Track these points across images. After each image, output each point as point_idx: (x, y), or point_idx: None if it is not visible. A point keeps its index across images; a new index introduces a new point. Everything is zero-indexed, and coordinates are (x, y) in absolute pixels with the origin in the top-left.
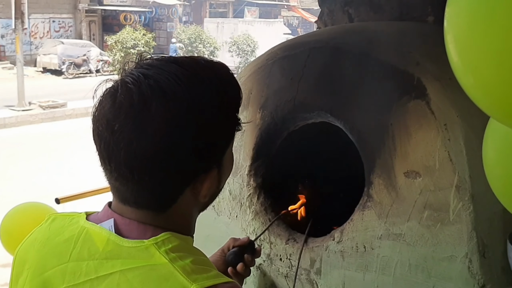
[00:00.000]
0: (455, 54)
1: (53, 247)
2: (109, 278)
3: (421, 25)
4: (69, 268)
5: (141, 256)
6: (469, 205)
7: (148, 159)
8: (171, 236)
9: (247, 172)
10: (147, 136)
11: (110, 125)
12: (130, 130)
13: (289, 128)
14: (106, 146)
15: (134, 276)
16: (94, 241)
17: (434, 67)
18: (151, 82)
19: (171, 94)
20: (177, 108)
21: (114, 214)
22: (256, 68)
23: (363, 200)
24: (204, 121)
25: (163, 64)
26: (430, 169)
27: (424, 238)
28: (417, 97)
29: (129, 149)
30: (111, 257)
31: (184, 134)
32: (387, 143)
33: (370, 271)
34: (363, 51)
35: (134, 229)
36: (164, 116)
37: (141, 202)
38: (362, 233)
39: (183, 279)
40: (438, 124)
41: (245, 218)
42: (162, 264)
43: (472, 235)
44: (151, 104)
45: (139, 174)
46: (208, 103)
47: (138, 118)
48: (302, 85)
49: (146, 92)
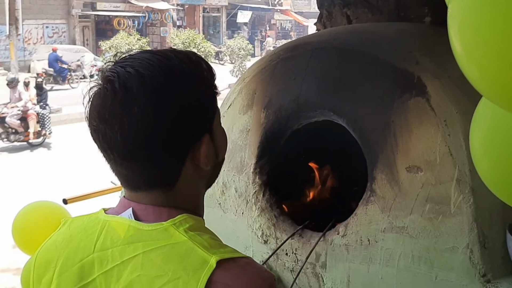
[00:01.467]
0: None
1: (78, 242)
2: (133, 260)
3: (419, 26)
4: (96, 258)
5: (161, 237)
6: (470, 198)
7: (142, 135)
8: (188, 217)
9: (253, 170)
10: (135, 115)
11: (101, 117)
12: (119, 113)
13: (293, 127)
14: (103, 137)
15: (156, 255)
16: (116, 230)
17: (433, 66)
18: (129, 69)
19: (147, 74)
20: (156, 84)
21: (131, 203)
22: (259, 69)
23: (366, 195)
24: (184, 91)
25: (137, 55)
26: (431, 163)
27: (426, 230)
28: (417, 95)
29: (123, 130)
30: (132, 241)
31: (167, 106)
32: (389, 140)
33: (374, 263)
34: (364, 51)
35: (151, 213)
36: (146, 93)
37: (149, 182)
38: (366, 226)
39: (203, 253)
40: (438, 120)
41: (251, 214)
42: (182, 241)
43: (472, 227)
44: (132, 86)
45: (138, 152)
46: (183, 74)
47: (124, 101)
48: (305, 85)
49: (126, 78)
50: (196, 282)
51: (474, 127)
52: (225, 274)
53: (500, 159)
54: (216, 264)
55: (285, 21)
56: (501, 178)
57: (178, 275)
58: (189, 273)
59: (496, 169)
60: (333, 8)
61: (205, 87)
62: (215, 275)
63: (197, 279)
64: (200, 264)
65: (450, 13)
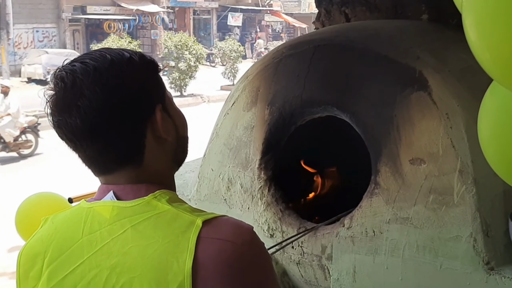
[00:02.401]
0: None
1: (64, 232)
2: (123, 235)
3: (417, 23)
4: (85, 241)
5: (145, 209)
6: (472, 188)
7: (97, 114)
8: (165, 191)
9: (258, 166)
10: (86, 96)
11: (59, 109)
12: (72, 100)
13: (297, 123)
14: (65, 127)
15: (144, 226)
16: (101, 213)
17: (434, 61)
18: (73, 63)
19: (89, 62)
20: (97, 65)
21: (109, 187)
22: (262, 66)
23: (370, 187)
24: (126, 66)
25: (81, 55)
26: (434, 155)
27: (431, 220)
28: (419, 89)
29: (80, 114)
30: (119, 219)
31: (112, 82)
32: (392, 133)
33: (379, 254)
34: (366, 47)
35: (129, 191)
36: (90, 75)
37: (117, 160)
38: (371, 218)
39: (189, 216)
40: (440, 114)
41: (256, 209)
42: (166, 210)
43: (475, 216)
44: (78, 74)
45: (99, 131)
46: (123, 54)
47: (73, 88)
48: (309, 81)
49: (71, 69)
50: (187, 241)
51: (483, 114)
52: (212, 230)
53: (508, 144)
54: (202, 223)
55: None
56: (509, 163)
57: (168, 239)
58: (178, 235)
59: (504, 154)
60: (331, 7)
61: (145, 63)
62: (203, 233)
63: (187, 239)
64: (187, 225)
65: (465, 4)
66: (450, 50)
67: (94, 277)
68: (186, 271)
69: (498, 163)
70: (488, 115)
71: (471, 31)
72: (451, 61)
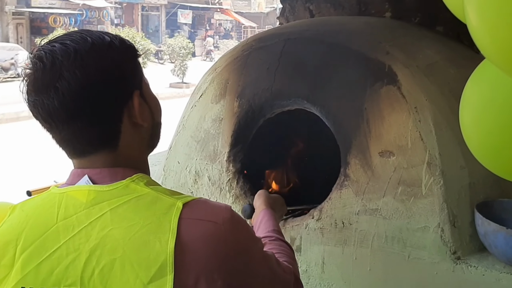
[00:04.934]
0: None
1: (37, 219)
2: (101, 219)
3: (383, 19)
4: (60, 226)
5: (124, 193)
6: (440, 180)
7: (75, 96)
8: (142, 175)
9: (226, 158)
10: (65, 78)
11: (36, 89)
12: (51, 81)
13: (266, 116)
14: (42, 107)
15: (124, 209)
16: (76, 198)
17: (403, 56)
18: (53, 44)
19: (69, 43)
20: (78, 48)
21: (84, 171)
22: (231, 59)
23: (340, 179)
24: (106, 50)
25: (61, 35)
26: (403, 148)
27: (399, 211)
28: (389, 83)
29: (58, 96)
30: (96, 203)
31: (92, 66)
32: (362, 126)
33: (348, 245)
34: (336, 42)
35: (107, 175)
36: (70, 57)
37: (93, 143)
38: (340, 210)
39: (169, 199)
40: (409, 107)
41: (225, 202)
42: (146, 193)
43: (443, 207)
44: (57, 55)
45: (76, 113)
46: (103, 38)
47: (53, 69)
48: (279, 74)
49: (50, 50)
50: (169, 222)
51: (465, 102)
52: (192, 211)
53: (491, 131)
54: (182, 205)
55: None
56: (491, 149)
57: (150, 220)
58: (160, 216)
59: (486, 141)
60: (296, 3)
61: (125, 48)
62: (183, 214)
63: (168, 220)
64: (168, 207)
65: None
66: (416, 46)
67: (72, 261)
68: (168, 250)
69: (480, 151)
70: (471, 103)
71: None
72: (418, 57)
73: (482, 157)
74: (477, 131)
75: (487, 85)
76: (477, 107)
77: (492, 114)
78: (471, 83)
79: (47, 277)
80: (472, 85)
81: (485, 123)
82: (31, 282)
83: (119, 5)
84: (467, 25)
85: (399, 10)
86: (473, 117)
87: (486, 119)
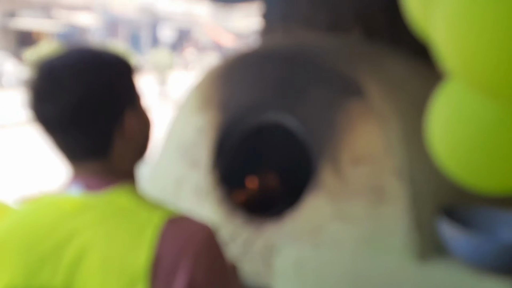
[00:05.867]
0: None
1: (27, 222)
2: (84, 229)
3: (353, 37)
4: (45, 234)
5: (108, 204)
6: (407, 187)
7: (70, 106)
8: (130, 186)
9: (207, 166)
10: (62, 88)
11: (37, 97)
12: (49, 89)
13: (245, 127)
14: (41, 114)
15: (106, 221)
16: (62, 206)
17: (372, 71)
18: (53, 57)
19: (70, 56)
20: (77, 61)
21: (76, 178)
22: (214, 72)
23: (313, 185)
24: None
25: (65, 48)
26: (372, 156)
27: (369, 216)
28: (359, 97)
29: (55, 104)
30: (81, 213)
31: (88, 80)
32: (334, 137)
33: (322, 249)
34: (310, 59)
35: (96, 183)
36: (68, 69)
37: (86, 151)
38: (314, 215)
39: (148, 214)
40: (378, 119)
41: (205, 208)
42: (129, 205)
43: (410, 212)
44: (57, 66)
45: (70, 122)
46: (103, 54)
47: (52, 79)
48: (257, 89)
49: (52, 62)
50: (146, 238)
51: (434, 112)
52: (171, 228)
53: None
54: (162, 222)
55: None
56: (457, 161)
57: (129, 234)
58: (138, 230)
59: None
60: (272, 22)
61: (121, 65)
62: (162, 230)
63: (146, 236)
64: (147, 223)
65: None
66: (385, 63)
67: (56, 267)
68: (143, 265)
69: (448, 159)
70: (439, 114)
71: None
72: (387, 72)
73: (449, 167)
74: (444, 144)
75: (453, 98)
76: (443, 121)
77: (458, 128)
78: (439, 97)
79: (33, 281)
80: (441, 96)
81: (452, 136)
82: (19, 285)
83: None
84: (433, 42)
85: (368, 29)
86: (440, 131)
87: (453, 132)
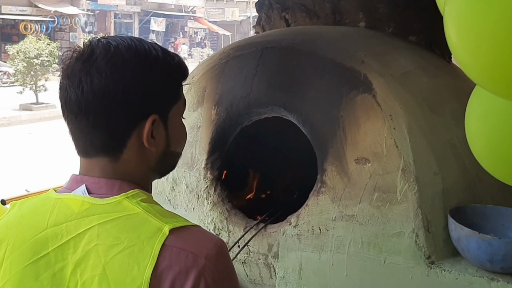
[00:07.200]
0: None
1: (29, 221)
2: (89, 232)
3: (358, 29)
4: (49, 233)
5: (116, 209)
6: (414, 186)
7: (93, 95)
8: (139, 192)
9: (204, 166)
10: (92, 75)
11: (66, 74)
12: (79, 71)
13: (244, 123)
14: (63, 93)
15: (112, 226)
16: (69, 206)
17: (378, 65)
18: (101, 40)
19: (114, 45)
20: (118, 53)
21: (83, 178)
22: (209, 67)
23: (317, 186)
24: (142, 67)
25: (115, 36)
26: (378, 155)
27: (375, 217)
28: (364, 92)
29: (79, 88)
30: (87, 215)
31: (122, 75)
32: (338, 134)
33: (325, 251)
34: (312, 51)
35: (103, 185)
36: (106, 58)
37: (96, 146)
38: (317, 216)
39: (157, 222)
40: (384, 115)
41: (202, 209)
42: (136, 213)
43: (417, 213)
44: (97, 51)
45: (87, 111)
46: (147, 53)
47: (86, 61)
48: (256, 82)
49: (95, 44)
50: (151, 248)
51: (470, 112)
52: (178, 239)
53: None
54: (169, 231)
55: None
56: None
57: (133, 243)
58: (144, 240)
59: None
60: (272, 12)
61: (166, 73)
62: (168, 241)
63: (151, 245)
64: (154, 232)
65: (447, 11)
66: (390, 55)
67: (60, 270)
68: (145, 277)
69: (485, 158)
70: (476, 114)
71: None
72: (392, 66)
73: (486, 163)
74: (481, 139)
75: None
76: (483, 117)
77: (496, 123)
78: (476, 93)
79: (32, 281)
80: (476, 95)
81: (489, 131)
82: (16, 284)
83: (91, 12)
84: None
85: (373, 20)
86: (477, 125)
87: (490, 127)
